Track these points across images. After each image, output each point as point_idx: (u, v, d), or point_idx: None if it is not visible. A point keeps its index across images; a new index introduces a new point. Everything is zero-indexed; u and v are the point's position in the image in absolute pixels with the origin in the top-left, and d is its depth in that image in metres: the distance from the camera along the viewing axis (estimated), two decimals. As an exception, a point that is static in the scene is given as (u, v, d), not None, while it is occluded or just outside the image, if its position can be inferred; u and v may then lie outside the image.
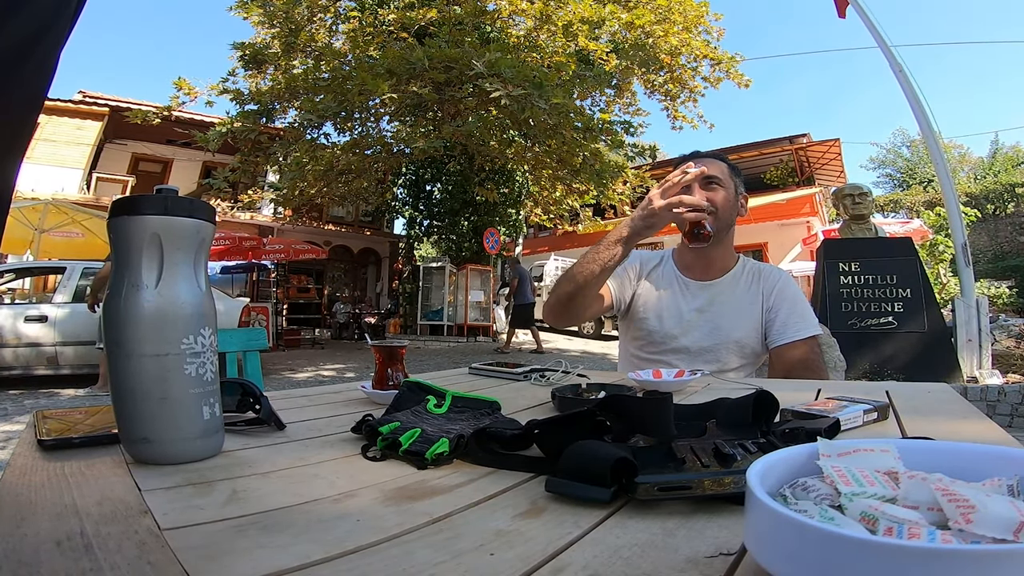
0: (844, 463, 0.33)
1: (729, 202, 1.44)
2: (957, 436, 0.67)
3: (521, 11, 10.04)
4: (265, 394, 0.73)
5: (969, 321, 4.91)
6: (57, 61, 0.45)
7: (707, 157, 1.49)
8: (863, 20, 5.75)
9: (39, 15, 0.42)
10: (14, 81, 0.42)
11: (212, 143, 9.28)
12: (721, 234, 1.45)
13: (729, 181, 1.45)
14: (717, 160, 1.48)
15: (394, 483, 0.50)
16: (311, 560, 0.34)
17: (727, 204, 1.44)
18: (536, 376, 1.17)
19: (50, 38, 0.43)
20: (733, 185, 1.46)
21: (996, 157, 26.13)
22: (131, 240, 0.53)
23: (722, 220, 1.43)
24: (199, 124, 11.29)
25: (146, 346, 0.53)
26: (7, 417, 4.19)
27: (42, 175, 11.31)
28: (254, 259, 10.94)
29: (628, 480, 0.44)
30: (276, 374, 6.95)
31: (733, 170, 1.49)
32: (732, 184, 1.46)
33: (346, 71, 8.95)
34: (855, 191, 5.24)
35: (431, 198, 12.18)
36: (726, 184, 1.44)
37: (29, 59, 0.42)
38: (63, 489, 0.46)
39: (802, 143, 16.27)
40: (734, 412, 0.64)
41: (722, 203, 1.42)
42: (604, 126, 9.50)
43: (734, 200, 1.47)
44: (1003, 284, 14.24)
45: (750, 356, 1.47)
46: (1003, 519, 0.25)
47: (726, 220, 1.45)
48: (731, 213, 1.46)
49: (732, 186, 1.46)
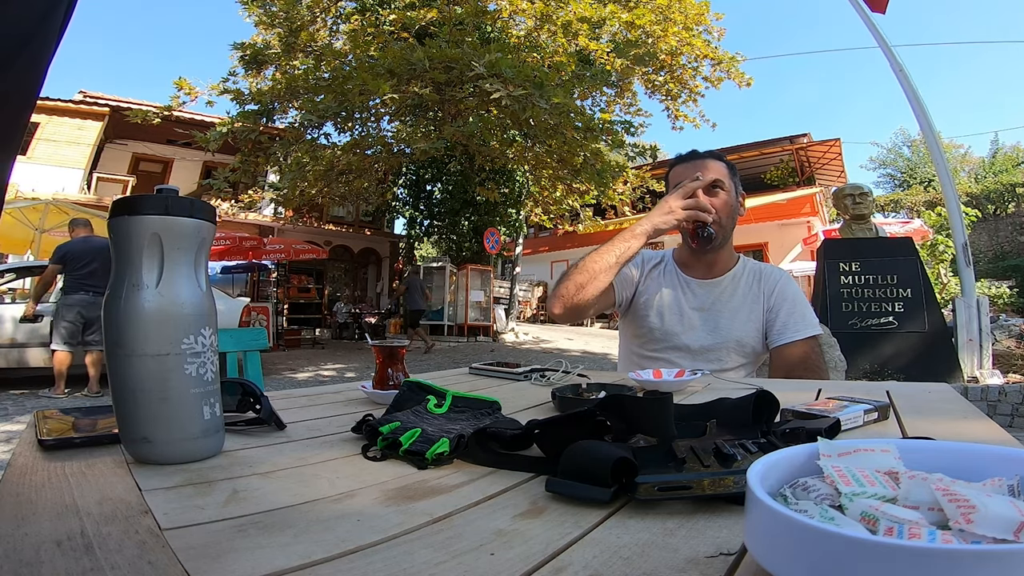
0: (844, 463, 0.33)
1: (731, 205, 1.46)
2: (958, 436, 0.67)
3: (521, 11, 10.04)
4: (265, 394, 0.73)
5: (970, 321, 4.91)
6: (48, 63, 0.46)
7: (706, 157, 1.49)
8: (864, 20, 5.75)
9: (23, 24, 0.43)
10: (7, 80, 0.42)
11: (212, 143, 9.28)
12: (724, 236, 1.47)
13: (730, 183, 1.46)
14: (717, 161, 1.48)
15: (394, 483, 0.50)
16: (311, 560, 0.34)
17: (729, 207, 1.46)
18: (536, 376, 1.17)
19: (35, 44, 0.44)
20: (733, 186, 1.48)
21: (996, 157, 26.12)
22: (132, 240, 0.53)
23: (725, 223, 1.45)
24: (199, 124, 11.29)
25: (147, 346, 0.53)
26: (8, 417, 4.19)
27: (43, 175, 11.32)
28: (254, 259, 10.93)
29: (628, 480, 0.44)
30: (276, 374, 6.96)
31: (731, 170, 1.50)
32: (732, 186, 1.47)
33: (347, 71, 8.95)
34: (855, 191, 5.24)
35: (431, 198, 12.19)
36: (728, 187, 1.45)
37: (15, 62, 0.42)
38: (64, 489, 0.46)
39: (803, 143, 16.27)
40: (734, 412, 0.64)
41: (725, 207, 1.44)
42: (605, 126, 9.50)
43: (735, 202, 1.48)
44: (1004, 284, 14.24)
45: (750, 356, 1.47)
46: (1004, 519, 0.25)
47: (729, 223, 1.47)
48: (733, 216, 1.48)
49: (733, 188, 1.47)
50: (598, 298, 1.43)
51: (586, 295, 1.41)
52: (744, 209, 1.53)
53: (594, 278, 1.40)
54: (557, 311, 1.46)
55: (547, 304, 1.54)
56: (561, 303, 1.44)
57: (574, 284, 1.41)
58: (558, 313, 1.45)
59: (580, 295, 1.41)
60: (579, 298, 1.41)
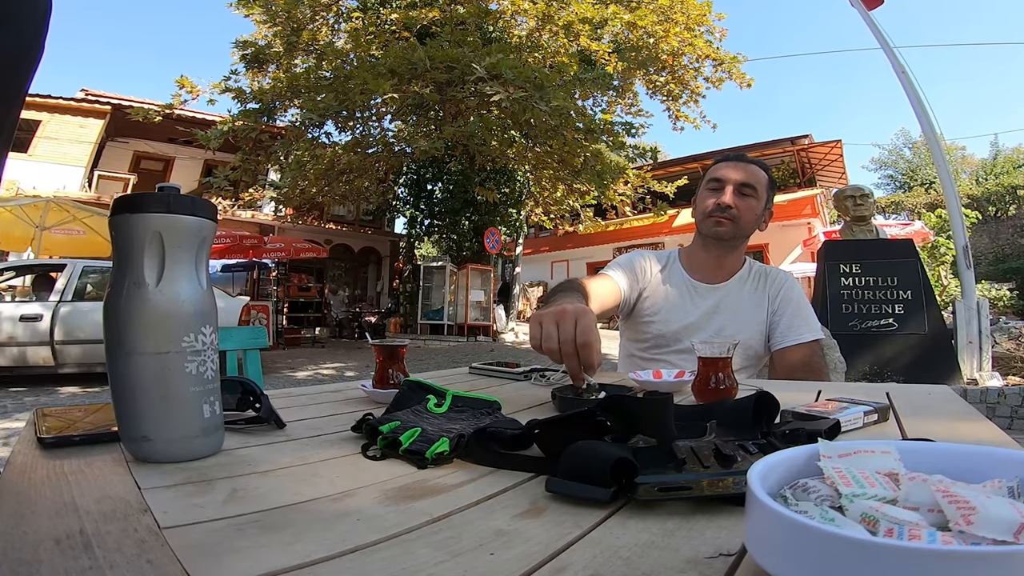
0: (845, 464, 0.33)
1: (754, 213, 1.46)
2: (957, 438, 0.67)
3: (523, 11, 10.04)
4: (265, 392, 0.73)
5: (969, 323, 4.91)
6: (38, 59, 0.46)
7: (752, 164, 1.49)
8: (866, 21, 5.75)
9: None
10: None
11: (213, 142, 9.29)
12: (737, 240, 1.48)
13: (763, 194, 1.46)
14: (760, 169, 1.48)
15: (394, 482, 0.50)
16: (311, 559, 0.34)
17: (752, 215, 1.45)
18: (536, 376, 1.17)
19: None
20: (765, 199, 1.48)
21: (997, 159, 26.11)
22: (133, 238, 0.53)
23: (742, 228, 1.45)
24: (201, 123, 11.30)
25: (147, 344, 0.53)
26: (7, 415, 4.19)
27: (44, 173, 11.33)
28: (255, 258, 10.94)
29: (628, 480, 0.44)
30: (276, 373, 6.96)
31: (771, 184, 1.50)
32: (764, 197, 1.47)
33: (348, 70, 8.96)
34: (856, 192, 5.24)
35: (432, 197, 12.18)
36: (759, 196, 1.45)
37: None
38: (63, 487, 0.46)
39: (804, 144, 16.26)
40: (734, 413, 0.64)
41: (749, 211, 1.44)
42: (606, 126, 9.50)
43: (760, 213, 1.48)
44: (1004, 286, 14.23)
45: (752, 359, 1.47)
46: (1003, 521, 0.25)
47: (746, 229, 1.46)
48: (753, 225, 1.48)
49: (764, 199, 1.47)
50: (602, 315, 1.41)
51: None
52: (767, 226, 1.53)
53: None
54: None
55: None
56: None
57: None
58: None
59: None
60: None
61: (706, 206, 1.46)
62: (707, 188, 1.49)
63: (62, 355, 5.49)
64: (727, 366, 0.90)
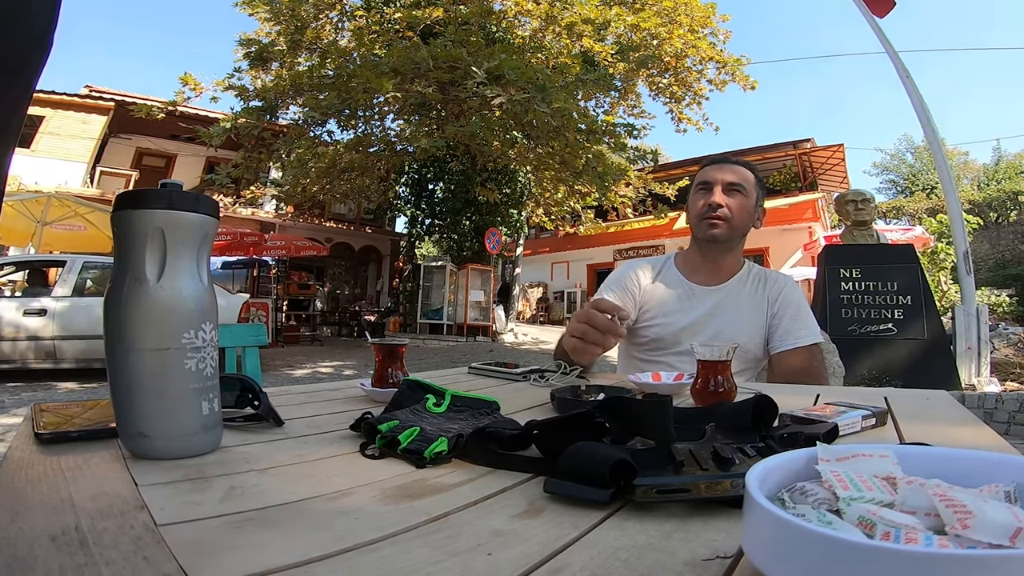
0: (842, 468, 0.33)
1: (746, 211, 1.46)
2: (955, 442, 0.67)
3: (527, 12, 10.05)
4: (264, 390, 0.73)
5: (968, 329, 4.91)
6: (46, 55, 0.46)
7: (737, 164, 1.51)
8: (871, 25, 5.74)
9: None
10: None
11: (216, 139, 9.30)
12: (733, 240, 1.48)
13: (752, 191, 1.47)
14: (746, 169, 1.50)
15: (392, 481, 0.50)
16: (308, 557, 0.34)
17: (744, 212, 1.46)
18: (536, 376, 1.17)
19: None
20: (755, 196, 1.48)
21: (999, 165, 26.09)
22: (135, 234, 0.53)
23: (736, 227, 1.45)
24: (203, 120, 11.30)
25: (147, 340, 0.52)
26: (5, 410, 4.19)
27: (46, 168, 11.33)
28: (255, 255, 10.94)
29: (626, 482, 0.44)
30: (275, 370, 6.95)
31: (758, 182, 1.51)
32: (754, 195, 1.48)
33: (351, 69, 8.96)
34: (858, 197, 5.24)
35: (433, 197, 12.19)
36: (748, 193, 1.46)
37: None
38: (59, 483, 0.46)
39: (806, 148, 16.27)
40: (733, 416, 0.64)
41: (740, 209, 1.45)
42: (607, 128, 9.51)
43: (752, 210, 1.49)
44: (1004, 292, 14.25)
45: (751, 362, 1.47)
46: (1000, 525, 0.25)
47: (740, 228, 1.47)
48: (747, 222, 1.48)
49: (754, 196, 1.48)
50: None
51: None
52: (761, 223, 1.53)
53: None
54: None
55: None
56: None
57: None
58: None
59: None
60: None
61: (697, 208, 1.47)
62: (697, 192, 1.50)
63: (60, 351, 5.49)
64: (726, 369, 0.90)
